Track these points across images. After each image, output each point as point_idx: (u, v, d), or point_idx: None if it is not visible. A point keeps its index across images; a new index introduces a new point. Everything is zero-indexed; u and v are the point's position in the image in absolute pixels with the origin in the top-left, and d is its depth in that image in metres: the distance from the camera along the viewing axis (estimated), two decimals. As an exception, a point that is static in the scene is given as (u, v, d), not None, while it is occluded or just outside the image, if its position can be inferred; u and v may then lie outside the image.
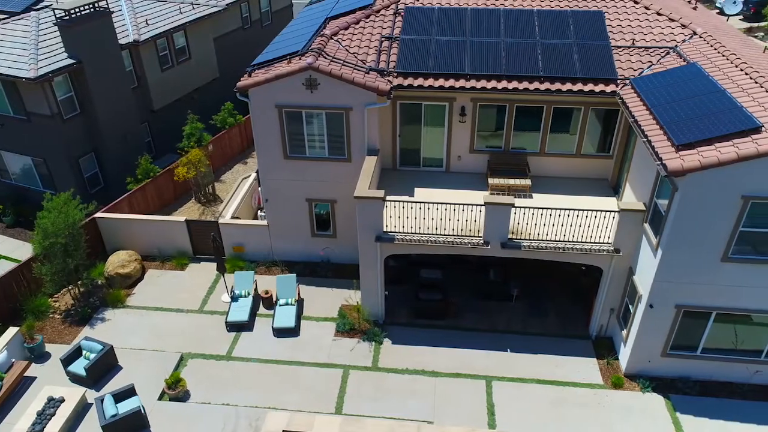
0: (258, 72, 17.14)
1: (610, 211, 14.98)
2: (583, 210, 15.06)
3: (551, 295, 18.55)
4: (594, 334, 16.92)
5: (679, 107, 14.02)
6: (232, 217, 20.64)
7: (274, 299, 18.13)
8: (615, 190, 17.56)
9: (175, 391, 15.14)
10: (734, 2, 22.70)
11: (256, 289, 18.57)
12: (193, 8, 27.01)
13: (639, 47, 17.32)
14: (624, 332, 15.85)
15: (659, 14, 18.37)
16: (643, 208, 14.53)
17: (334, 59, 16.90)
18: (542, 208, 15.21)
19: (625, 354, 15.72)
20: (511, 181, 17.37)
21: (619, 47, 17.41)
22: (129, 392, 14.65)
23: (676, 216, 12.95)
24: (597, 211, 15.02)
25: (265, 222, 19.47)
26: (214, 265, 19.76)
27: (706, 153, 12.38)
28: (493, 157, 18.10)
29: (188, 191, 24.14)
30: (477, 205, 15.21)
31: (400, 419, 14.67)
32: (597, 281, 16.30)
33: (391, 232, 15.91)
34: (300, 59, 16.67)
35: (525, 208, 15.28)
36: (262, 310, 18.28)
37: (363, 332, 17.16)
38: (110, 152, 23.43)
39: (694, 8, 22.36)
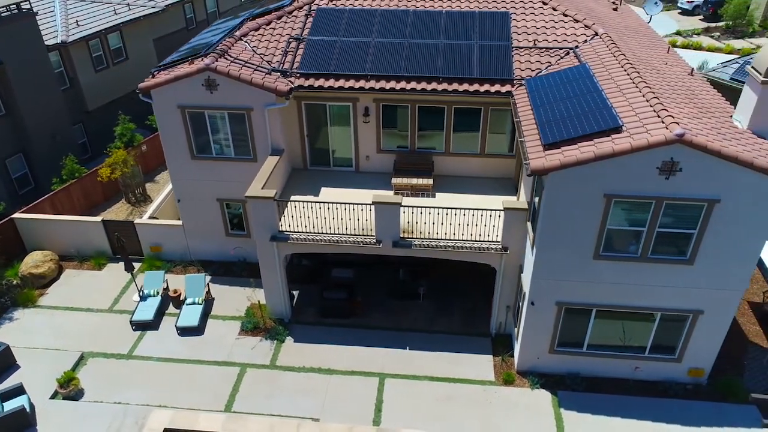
0: (161, 73, 17.26)
1: (497, 210, 15.18)
2: (470, 209, 15.24)
3: (462, 293, 18.72)
4: (494, 332, 17.12)
5: (557, 107, 14.23)
6: (151, 217, 20.76)
7: (181, 298, 18.27)
8: (517, 190, 17.76)
9: (67, 389, 15.25)
10: (656, 3, 22.93)
11: (166, 289, 18.69)
12: (130, 9, 27.09)
13: (540, 48, 17.53)
14: (516, 330, 16.06)
15: (565, 15, 18.56)
16: (526, 206, 14.73)
17: (235, 60, 17.04)
18: (431, 207, 15.39)
19: (517, 351, 15.93)
20: (414, 181, 17.56)
21: (521, 48, 17.61)
22: (17, 391, 14.75)
23: (544, 214, 13.16)
24: (484, 210, 15.23)
25: (180, 222, 19.60)
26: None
27: (568, 152, 12.58)
28: (400, 157, 18.28)
29: (119, 192, 24.22)
30: (367, 204, 15.36)
31: (287, 417, 14.83)
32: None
33: (286, 231, 16.07)
34: (201, 60, 16.80)
35: (413, 207, 15.45)
36: (172, 309, 18.40)
37: (267, 331, 17.31)
38: (39, 153, 23.51)
39: (615, 9, 22.62)
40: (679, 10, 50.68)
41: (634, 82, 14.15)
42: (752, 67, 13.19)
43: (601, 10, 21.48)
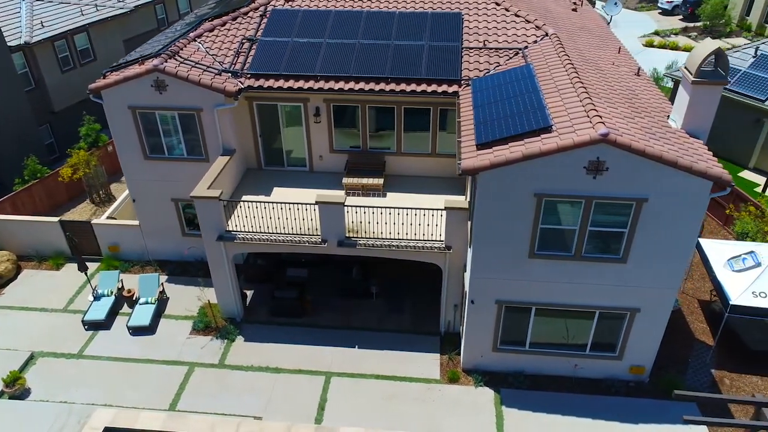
0: (112, 74, 17.34)
1: (440, 210, 15.30)
2: (413, 209, 15.35)
3: (415, 292, 18.83)
4: (443, 330, 17.23)
5: (496, 107, 14.35)
6: (110, 217, 20.84)
7: (134, 298, 18.36)
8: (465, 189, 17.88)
9: (13, 389, 15.34)
10: (615, 3, 23.07)
11: (120, 288, 18.77)
12: (97, 10, 27.15)
13: (490, 48, 17.64)
14: (461, 328, 16.18)
15: (517, 16, 18.67)
16: (467, 206, 14.84)
17: (186, 61, 17.12)
18: (374, 207, 15.50)
19: (462, 349, 16.04)
20: (364, 180, 17.66)
21: (471, 48, 17.72)
22: (-39, 391, 14.84)
23: (477, 213, 13.28)
24: (427, 209, 15.34)
25: (137, 222, 19.68)
26: (89, 265, 19.96)
27: (498, 152, 12.70)
28: (352, 157, 18.38)
29: (83, 192, 24.28)
30: (310, 204, 15.47)
31: (230, 415, 14.93)
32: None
33: (233, 231, 16.17)
34: (150, 61, 16.87)
35: (357, 207, 15.55)
36: (126, 309, 18.48)
37: (218, 330, 17.40)
38: (3, 154, 23.56)
39: (574, 9, 22.74)
40: (660, 10, 50.98)
41: (571, 83, 14.27)
42: (685, 67, 13.35)
43: (559, 11, 21.61)
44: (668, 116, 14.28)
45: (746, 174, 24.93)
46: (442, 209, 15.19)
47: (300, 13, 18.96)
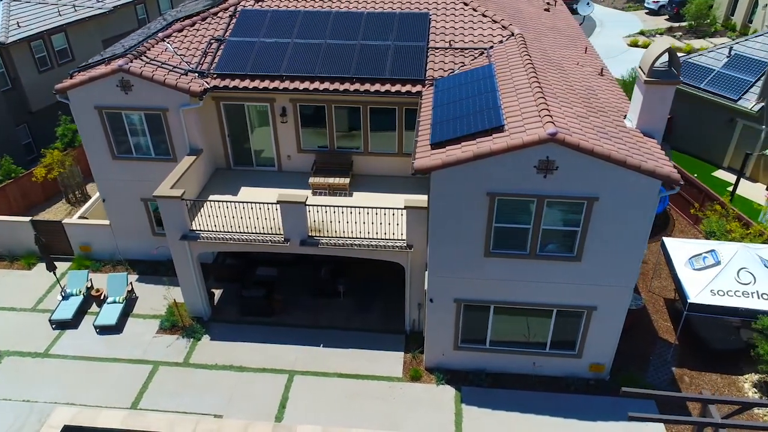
0: (79, 74, 17.40)
1: (400, 209, 15.37)
2: (375, 208, 15.42)
3: (383, 292, 18.91)
4: (408, 329, 17.31)
5: (454, 107, 14.43)
6: (81, 217, 20.90)
7: (102, 297, 18.43)
8: (433, 188, 17.95)
9: (-24, 388, 15.42)
10: (588, 3, 23.15)
11: (89, 288, 18.83)
12: (75, 10, 27.20)
13: (455, 48, 17.72)
14: (424, 326, 16.25)
15: (484, 16, 18.76)
16: (426, 205, 14.91)
17: (152, 61, 17.19)
18: (336, 206, 15.57)
19: (425, 348, 16.12)
20: (331, 180, 17.74)
21: (437, 48, 17.80)
22: None
23: (432, 212, 13.37)
24: (389, 208, 15.42)
25: (107, 222, 19.74)
26: (61, 264, 20.04)
27: (451, 152, 12.79)
28: (320, 157, 18.46)
29: (60, 192, 24.34)
30: (272, 203, 15.55)
31: (191, 413, 15.00)
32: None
33: (197, 230, 16.24)
34: (116, 61, 16.94)
35: (319, 206, 15.64)
36: (95, 308, 18.55)
37: (184, 329, 17.47)
38: (-22, 153, 23.63)
39: (547, 9, 22.83)
40: (646, 10, 51.10)
41: (529, 82, 14.36)
42: (639, 66, 13.44)
43: (530, 11, 21.70)
44: (625, 116, 14.36)
45: (720, 173, 25.03)
46: (402, 208, 15.26)
47: (269, 14, 19.03)
